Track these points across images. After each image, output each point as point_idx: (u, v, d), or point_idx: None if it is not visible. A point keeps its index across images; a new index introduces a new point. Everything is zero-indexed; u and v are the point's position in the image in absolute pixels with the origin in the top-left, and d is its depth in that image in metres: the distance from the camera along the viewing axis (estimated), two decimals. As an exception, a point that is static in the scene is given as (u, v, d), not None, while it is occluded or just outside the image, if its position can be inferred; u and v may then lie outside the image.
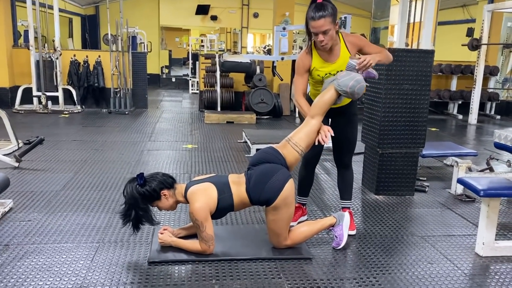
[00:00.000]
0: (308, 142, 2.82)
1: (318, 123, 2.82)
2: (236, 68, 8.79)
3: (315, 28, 2.70)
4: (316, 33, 2.72)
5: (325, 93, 2.83)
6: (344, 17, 5.54)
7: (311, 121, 2.83)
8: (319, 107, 2.83)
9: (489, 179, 3.11)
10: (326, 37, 2.71)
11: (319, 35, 2.71)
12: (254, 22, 15.96)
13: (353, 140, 3.15)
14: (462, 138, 7.26)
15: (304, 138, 2.81)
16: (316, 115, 2.82)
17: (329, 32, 2.71)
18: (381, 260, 2.80)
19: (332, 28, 2.71)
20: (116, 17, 8.92)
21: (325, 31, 2.69)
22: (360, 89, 2.73)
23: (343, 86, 2.72)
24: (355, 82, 2.70)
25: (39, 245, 2.84)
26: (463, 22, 12.13)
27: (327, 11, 2.66)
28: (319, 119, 2.82)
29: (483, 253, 2.90)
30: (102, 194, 3.87)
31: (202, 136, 6.63)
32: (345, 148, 3.15)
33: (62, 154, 5.20)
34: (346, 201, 3.29)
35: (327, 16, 2.66)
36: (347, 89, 2.71)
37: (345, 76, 2.73)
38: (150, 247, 2.83)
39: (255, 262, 2.70)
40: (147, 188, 2.63)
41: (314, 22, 2.68)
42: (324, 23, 2.67)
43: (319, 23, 2.67)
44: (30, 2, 8.18)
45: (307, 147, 2.83)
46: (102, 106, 9.10)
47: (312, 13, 2.69)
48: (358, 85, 2.71)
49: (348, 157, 3.20)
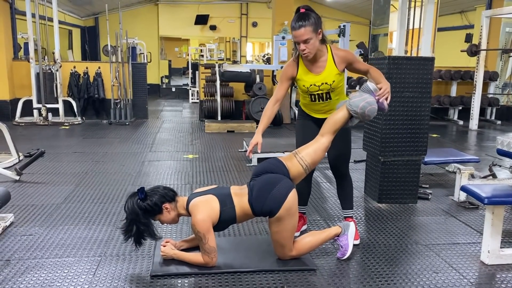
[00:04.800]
0: (314, 159, 2.80)
1: (328, 141, 2.82)
2: (236, 77, 8.81)
3: (296, 37, 2.75)
4: (297, 42, 2.77)
5: (337, 112, 2.83)
6: (343, 25, 5.55)
7: (321, 139, 2.83)
8: (330, 125, 2.83)
9: (493, 186, 3.09)
10: (308, 46, 2.74)
11: (301, 44, 2.76)
12: (253, 31, 16.03)
13: (347, 149, 3.18)
14: (464, 144, 7.24)
15: (312, 154, 2.79)
16: (326, 133, 2.83)
17: (311, 41, 2.74)
18: (386, 270, 2.78)
19: (314, 37, 2.74)
20: (116, 28, 8.96)
21: (306, 40, 2.73)
22: (371, 111, 2.73)
23: (354, 106, 2.73)
24: (366, 103, 2.71)
25: (40, 260, 2.82)
26: (461, 28, 12.17)
27: (308, 20, 2.71)
28: (329, 138, 2.82)
29: (489, 261, 2.87)
30: (103, 206, 3.85)
31: (202, 146, 6.62)
32: (340, 158, 3.17)
33: (63, 167, 5.19)
34: (348, 211, 3.29)
35: (308, 26, 2.71)
36: (358, 110, 2.72)
37: (358, 97, 2.74)
38: (152, 260, 2.80)
39: (259, 274, 2.67)
40: (149, 202, 2.61)
41: (295, 32, 2.74)
42: (304, 32, 2.71)
43: (299, 32, 2.72)
44: (30, 14, 8.23)
45: (312, 164, 2.81)
46: (102, 117, 9.11)
47: (293, 23, 2.75)
48: (369, 107, 2.71)
49: (344, 166, 3.21)
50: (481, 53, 8.51)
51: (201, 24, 15.53)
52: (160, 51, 16.47)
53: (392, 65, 3.81)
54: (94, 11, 14.86)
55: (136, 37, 13.04)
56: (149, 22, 15.28)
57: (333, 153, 3.15)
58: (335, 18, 15.33)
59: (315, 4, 15.77)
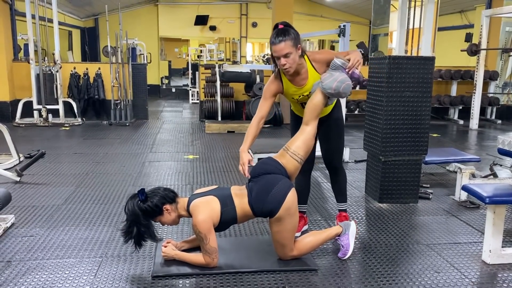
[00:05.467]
0: (306, 150, 2.81)
1: (314, 128, 2.83)
2: (236, 78, 8.80)
3: (276, 52, 2.75)
4: (278, 57, 2.76)
5: (313, 97, 2.84)
6: (343, 25, 5.54)
7: (306, 128, 2.83)
8: (310, 111, 2.83)
9: (494, 185, 3.09)
10: (288, 60, 2.75)
11: (281, 59, 2.75)
12: (253, 31, 16.02)
13: (340, 142, 3.21)
14: (464, 144, 7.24)
15: (302, 145, 2.80)
16: (309, 120, 2.83)
17: (291, 56, 2.74)
18: (387, 270, 2.77)
19: (294, 52, 2.75)
20: (116, 29, 8.96)
21: (286, 54, 2.73)
22: (346, 88, 2.74)
23: (328, 88, 2.74)
24: (338, 83, 2.71)
25: (41, 261, 2.81)
26: (461, 28, 12.16)
27: (287, 36, 2.72)
28: (313, 124, 2.83)
29: (490, 260, 2.87)
30: (104, 207, 3.85)
31: (203, 146, 6.61)
32: (332, 151, 3.22)
33: (63, 168, 5.19)
34: (342, 204, 3.38)
35: (288, 40, 2.71)
36: (332, 91, 2.73)
37: (328, 78, 2.75)
38: (153, 260, 2.80)
39: (260, 274, 2.67)
40: (149, 203, 2.60)
41: (275, 46, 2.73)
42: (284, 47, 2.71)
43: (280, 47, 2.72)
44: (29, 16, 8.23)
45: (305, 155, 2.82)
46: (102, 118, 9.11)
47: (272, 39, 2.75)
48: (343, 85, 2.72)
49: (337, 160, 3.26)
50: (481, 53, 8.50)
51: (201, 25, 15.52)
52: (160, 51, 16.47)
53: (393, 64, 3.81)
54: (94, 12, 14.86)
55: (136, 38, 13.04)
56: (149, 22, 15.28)
57: (326, 146, 3.20)
58: (335, 18, 15.35)
59: (315, 4, 15.79)
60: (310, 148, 2.85)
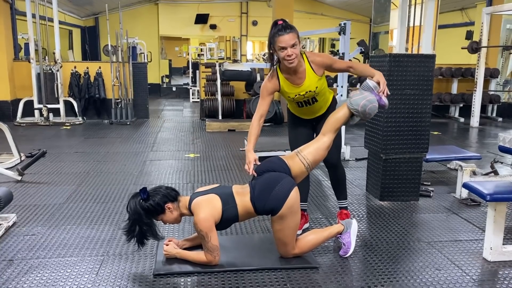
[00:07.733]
0: (316, 158, 2.80)
1: (330, 140, 2.84)
2: (236, 76, 8.80)
3: (283, 42, 2.76)
4: (285, 47, 2.76)
5: (338, 111, 2.86)
6: (344, 23, 5.54)
7: (322, 138, 2.84)
8: (330, 124, 2.85)
9: (495, 183, 3.09)
10: (294, 51, 2.77)
11: (288, 49, 2.76)
12: (253, 30, 16.01)
13: (337, 140, 3.20)
14: (465, 141, 7.24)
15: (314, 152, 2.80)
16: (328, 132, 2.84)
17: (296, 47, 2.78)
18: (388, 267, 2.78)
19: (298, 44, 2.79)
20: (116, 28, 8.97)
21: (293, 45, 2.76)
22: (372, 109, 2.76)
23: (355, 104, 2.76)
24: (367, 101, 2.74)
25: (43, 259, 2.82)
26: (462, 25, 12.15)
27: (292, 28, 2.78)
28: (330, 137, 2.84)
29: (491, 258, 2.87)
30: (105, 206, 3.86)
31: (204, 145, 6.62)
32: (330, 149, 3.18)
33: (65, 167, 5.20)
34: (342, 201, 3.40)
35: (294, 32, 2.77)
36: (359, 108, 2.75)
37: (358, 95, 2.77)
38: (155, 259, 2.80)
39: (261, 272, 2.67)
40: (151, 202, 2.61)
41: (282, 37, 2.75)
42: (292, 37, 2.76)
43: (288, 37, 2.75)
44: (30, 15, 8.23)
45: (314, 163, 2.82)
46: (103, 117, 9.12)
47: (278, 32, 2.77)
48: (370, 105, 2.75)
49: (335, 157, 3.26)
50: (481, 50, 8.50)
51: (201, 23, 15.51)
52: (160, 50, 16.47)
53: (393, 62, 3.81)
54: (94, 11, 14.86)
55: (136, 37, 13.04)
56: (149, 21, 15.27)
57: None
58: (335, 16, 15.34)
59: (315, 2, 15.77)
60: (320, 158, 2.85)
